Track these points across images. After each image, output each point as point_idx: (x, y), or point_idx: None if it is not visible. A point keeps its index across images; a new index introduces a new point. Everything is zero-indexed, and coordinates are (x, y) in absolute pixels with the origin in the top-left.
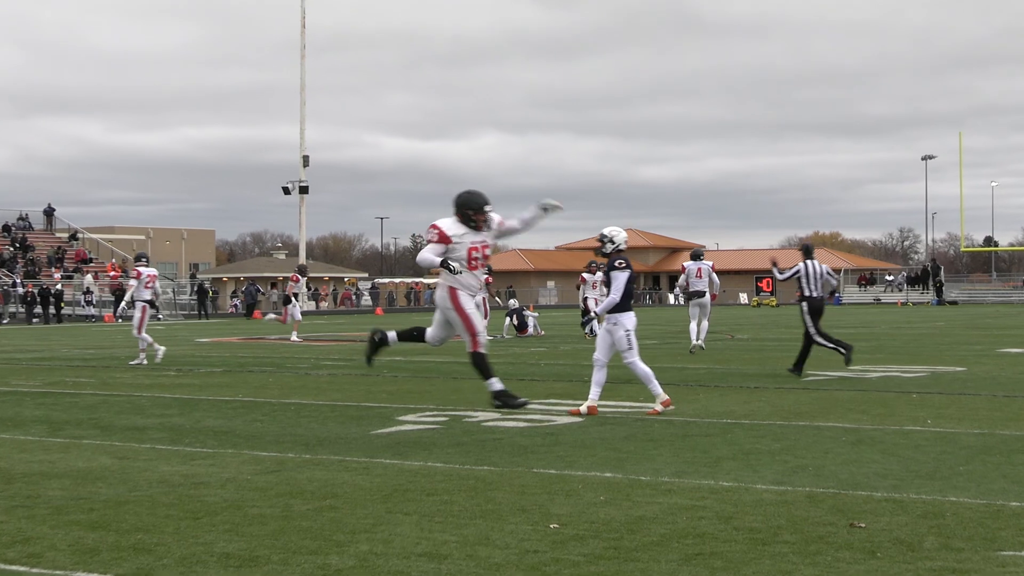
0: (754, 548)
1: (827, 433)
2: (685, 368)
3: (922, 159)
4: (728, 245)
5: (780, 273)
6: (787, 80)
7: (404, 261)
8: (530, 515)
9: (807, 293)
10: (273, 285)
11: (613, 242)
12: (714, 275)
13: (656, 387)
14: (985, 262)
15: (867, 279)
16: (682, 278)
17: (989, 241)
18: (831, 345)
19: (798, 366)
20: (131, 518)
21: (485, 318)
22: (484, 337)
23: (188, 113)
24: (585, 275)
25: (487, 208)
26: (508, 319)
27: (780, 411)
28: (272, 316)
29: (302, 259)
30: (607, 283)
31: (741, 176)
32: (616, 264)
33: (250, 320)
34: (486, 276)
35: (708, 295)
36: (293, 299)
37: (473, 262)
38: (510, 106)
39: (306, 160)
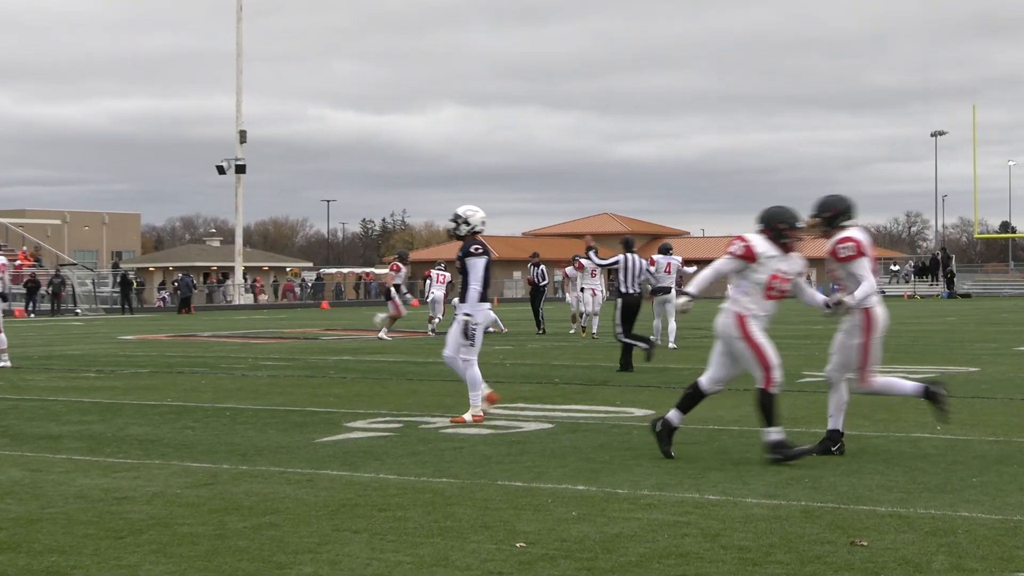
0: (744, 569)
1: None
2: (667, 369)
3: (932, 135)
4: (716, 231)
5: (597, 258)
6: (781, 48)
7: (353, 249)
8: (494, 532)
9: (623, 289)
10: (207, 276)
11: (468, 223)
12: (685, 269)
13: (477, 398)
14: (1001, 250)
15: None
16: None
17: (1006, 227)
18: (634, 342)
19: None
20: (45, 538)
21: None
22: (780, 374)
23: (109, 82)
24: (584, 262)
25: (800, 225)
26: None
27: None
28: (382, 316)
29: (239, 246)
30: (462, 271)
31: (731, 154)
32: (472, 250)
33: (182, 316)
34: (440, 271)
35: (674, 293)
36: (394, 291)
37: (770, 292)
38: (472, 76)
39: (243, 136)
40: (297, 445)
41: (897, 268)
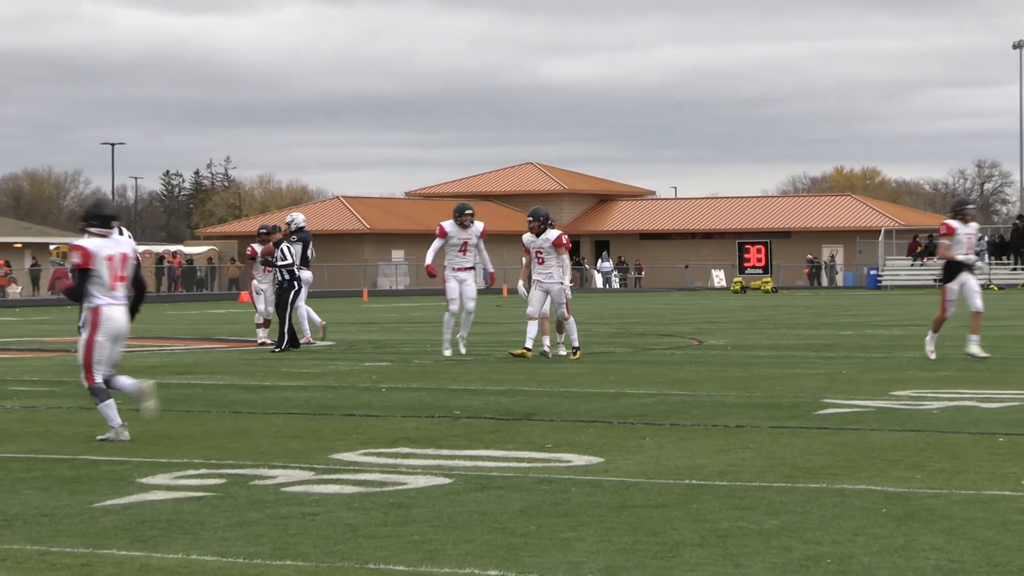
0: None
1: (856, 501)
2: (621, 395)
3: (1014, 47)
4: (692, 190)
5: None
6: None
7: (151, 217)
8: None
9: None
10: None
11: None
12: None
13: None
14: None
15: (922, 246)
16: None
17: None
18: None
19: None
20: None
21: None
22: None
23: None
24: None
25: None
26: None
27: (780, 465)
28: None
29: None
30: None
31: (714, 75)
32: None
33: None
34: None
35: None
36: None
37: None
38: None
39: None
40: (66, 511)
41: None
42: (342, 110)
